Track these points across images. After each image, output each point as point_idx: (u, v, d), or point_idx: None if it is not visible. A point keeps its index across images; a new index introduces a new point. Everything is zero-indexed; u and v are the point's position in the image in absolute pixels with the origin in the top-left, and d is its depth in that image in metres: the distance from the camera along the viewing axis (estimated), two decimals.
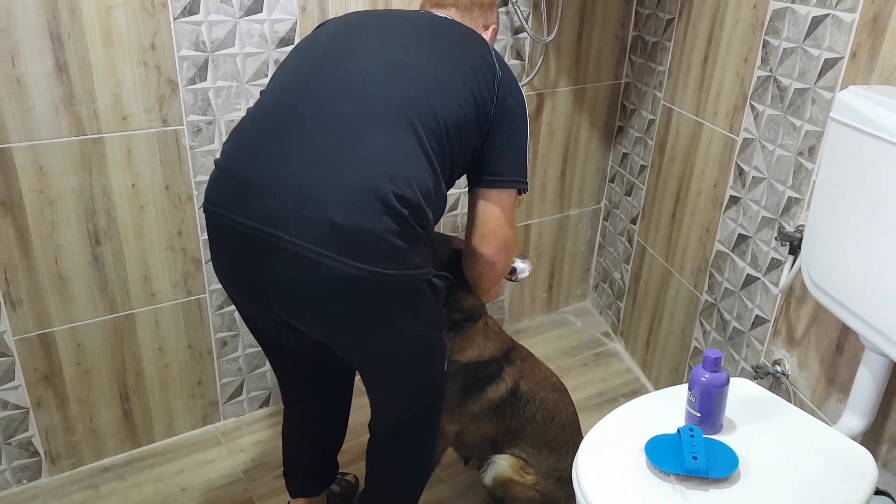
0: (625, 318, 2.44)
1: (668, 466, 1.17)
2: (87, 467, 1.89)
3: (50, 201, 1.60)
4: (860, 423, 1.39)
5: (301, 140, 1.18)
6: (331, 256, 1.12)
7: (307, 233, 1.12)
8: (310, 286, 1.16)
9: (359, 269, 1.12)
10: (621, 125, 2.37)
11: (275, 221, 1.14)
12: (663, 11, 2.06)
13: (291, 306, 1.22)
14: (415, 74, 1.25)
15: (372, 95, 1.21)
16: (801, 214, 1.59)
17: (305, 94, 1.23)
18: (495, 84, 1.31)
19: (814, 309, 1.58)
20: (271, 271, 1.17)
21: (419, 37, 1.34)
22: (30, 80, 1.49)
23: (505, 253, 1.42)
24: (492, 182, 1.36)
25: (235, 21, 1.66)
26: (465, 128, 1.27)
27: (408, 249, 1.17)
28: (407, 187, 1.15)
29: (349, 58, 1.27)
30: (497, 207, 1.37)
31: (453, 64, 1.29)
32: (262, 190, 1.16)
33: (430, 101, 1.23)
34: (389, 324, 1.24)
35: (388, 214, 1.13)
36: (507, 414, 1.60)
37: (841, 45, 1.44)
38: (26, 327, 1.68)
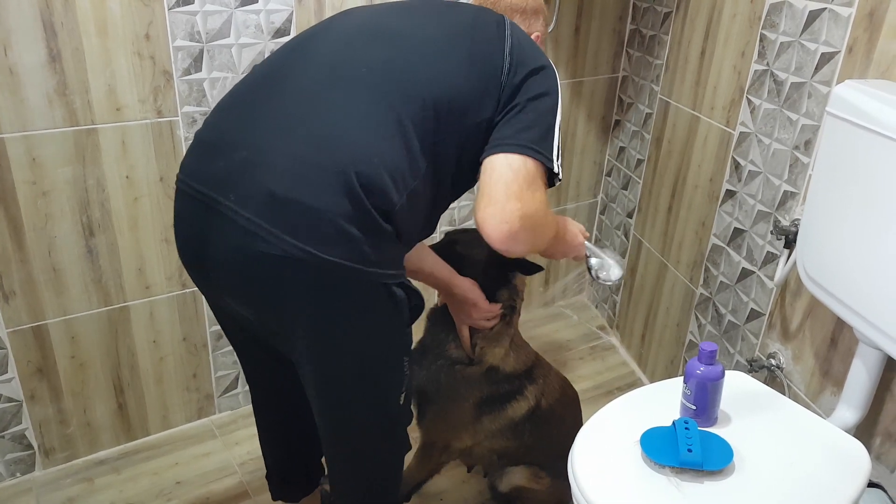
0: (621, 312, 2.44)
1: (664, 459, 1.17)
2: (81, 460, 1.88)
3: (43, 192, 1.59)
4: (854, 416, 1.39)
5: (266, 106, 1.09)
6: (263, 227, 1.01)
7: (245, 199, 1.02)
8: (240, 258, 1.05)
9: (292, 245, 1.00)
10: (618, 119, 2.37)
11: (219, 185, 1.06)
12: (661, 5, 2.06)
13: (224, 279, 1.12)
14: (394, 42, 1.13)
15: (341, 62, 1.10)
16: (797, 208, 1.59)
17: (283, 64, 1.16)
18: (504, 54, 1.14)
19: (809, 303, 1.58)
20: (209, 239, 1.08)
21: (413, 9, 1.22)
22: (23, 70, 1.48)
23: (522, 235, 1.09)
24: (495, 147, 1.10)
25: (231, 11, 1.65)
26: (465, 101, 1.11)
27: (360, 239, 1.02)
28: (370, 166, 1.02)
29: (333, 30, 1.18)
30: (508, 172, 1.08)
31: (447, 33, 1.16)
32: (218, 153, 1.09)
33: (413, 70, 1.10)
34: (324, 325, 1.09)
35: (339, 192, 1.00)
36: (525, 432, 1.53)
37: (838, 39, 1.44)
38: (20, 319, 1.67)
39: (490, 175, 1.10)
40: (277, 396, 1.47)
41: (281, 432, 1.53)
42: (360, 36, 1.15)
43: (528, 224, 1.09)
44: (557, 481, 1.60)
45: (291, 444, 1.54)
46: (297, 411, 1.43)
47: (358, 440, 1.28)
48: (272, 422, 1.53)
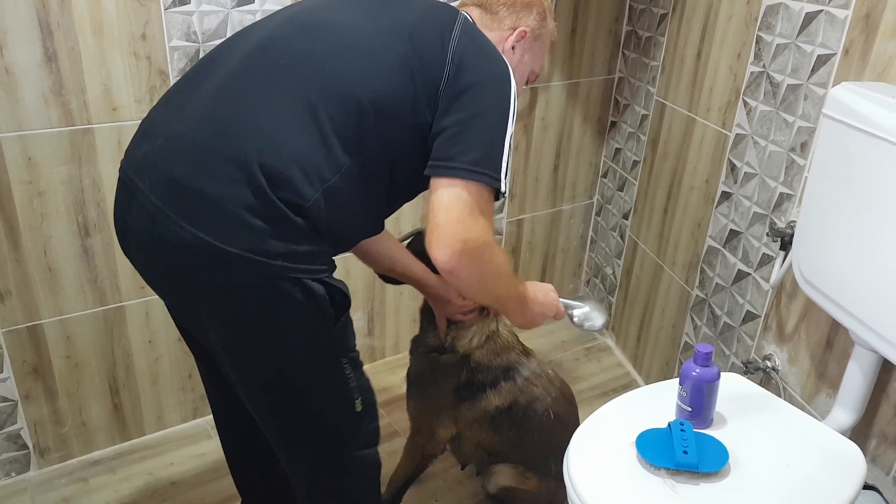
0: (616, 313, 2.45)
1: (659, 460, 1.17)
2: (76, 460, 1.88)
3: (39, 192, 1.59)
4: (849, 418, 1.40)
5: (190, 95, 1.09)
6: (167, 214, 1.00)
7: (155, 184, 1.03)
8: (148, 242, 1.05)
9: (190, 234, 0.98)
10: (614, 120, 2.37)
11: (139, 170, 1.06)
12: (657, 6, 2.06)
13: (140, 262, 1.12)
14: (323, 34, 1.09)
15: (264, 54, 1.08)
16: (793, 210, 1.59)
17: (216, 55, 1.14)
18: (448, 54, 1.07)
19: (804, 305, 1.59)
20: (129, 223, 1.09)
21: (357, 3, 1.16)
22: (18, 69, 1.48)
23: (466, 259, 1.06)
24: (438, 168, 1.06)
25: (227, 11, 1.65)
26: (395, 103, 1.06)
27: (265, 231, 0.98)
28: (276, 157, 0.99)
29: (270, 20, 1.15)
30: (448, 198, 1.04)
31: (384, 28, 1.10)
32: (146, 139, 1.10)
33: (337, 65, 1.05)
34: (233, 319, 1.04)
35: (242, 183, 0.98)
36: (503, 427, 1.56)
37: (834, 41, 1.45)
38: (15, 319, 1.66)
39: (433, 200, 1.07)
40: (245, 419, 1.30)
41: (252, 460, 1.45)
42: (288, 27, 1.12)
43: (470, 248, 1.06)
44: (545, 481, 1.61)
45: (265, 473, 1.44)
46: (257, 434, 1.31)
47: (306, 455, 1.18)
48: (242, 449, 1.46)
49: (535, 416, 1.57)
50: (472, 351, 1.53)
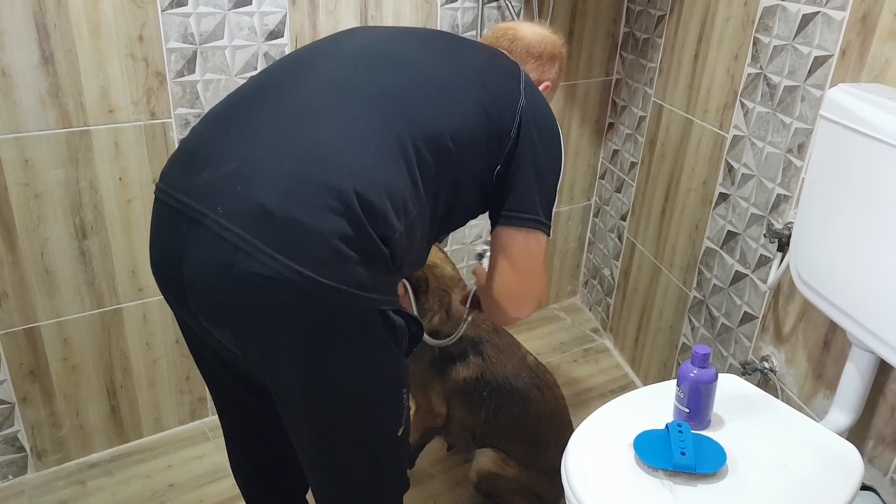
0: (614, 315, 2.45)
1: (657, 462, 1.17)
2: (73, 463, 1.88)
3: (36, 194, 1.59)
4: (847, 419, 1.40)
5: (261, 119, 1.03)
6: (254, 244, 0.93)
7: (234, 213, 0.95)
8: (224, 276, 0.96)
9: (285, 266, 0.93)
10: (612, 122, 2.37)
11: (204, 197, 0.98)
12: (655, 8, 2.06)
13: (203, 298, 1.02)
14: (407, 70, 1.09)
15: (348, 81, 1.05)
16: (790, 212, 1.59)
17: (282, 76, 1.10)
18: (517, 109, 1.14)
19: (802, 306, 1.59)
20: (188, 252, 1.00)
21: (427, 40, 1.19)
22: (15, 71, 1.47)
23: (531, 307, 1.25)
24: (514, 219, 1.16)
25: (224, 13, 1.64)
26: (468, 142, 1.09)
27: (357, 262, 0.96)
28: (372, 188, 0.96)
29: (338, 48, 1.14)
30: (521, 253, 1.18)
31: (458, 70, 1.13)
32: (205, 164, 1.01)
33: (419, 100, 1.06)
34: (313, 349, 1.01)
35: (338, 213, 0.94)
36: (475, 403, 1.61)
37: (831, 42, 1.45)
38: (12, 322, 1.66)
39: (513, 247, 1.18)
40: (253, 429, 1.36)
41: (258, 469, 1.44)
42: (370, 58, 1.11)
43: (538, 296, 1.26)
44: (527, 472, 1.64)
45: (270, 480, 1.43)
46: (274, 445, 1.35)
47: (349, 476, 1.19)
48: (249, 458, 1.43)
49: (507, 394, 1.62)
50: (437, 327, 1.56)
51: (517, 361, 1.66)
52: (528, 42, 1.33)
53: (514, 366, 1.65)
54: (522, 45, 1.32)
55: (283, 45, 1.74)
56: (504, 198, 1.16)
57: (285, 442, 1.30)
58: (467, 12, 1.96)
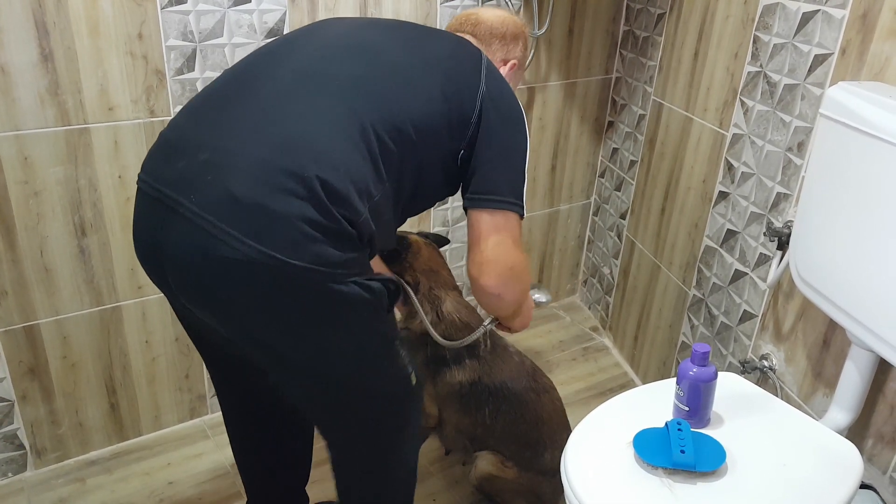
0: (613, 313, 2.45)
1: (656, 460, 1.17)
2: (73, 461, 1.88)
3: (35, 192, 1.59)
4: (846, 417, 1.40)
5: (234, 109, 1.09)
6: (226, 230, 0.98)
7: (206, 201, 1.00)
8: (201, 262, 1.02)
9: (255, 250, 0.98)
10: (611, 120, 2.37)
11: (180, 186, 1.03)
12: (654, 6, 2.06)
13: (184, 284, 1.08)
14: (371, 60, 1.15)
15: (316, 72, 1.11)
16: (790, 210, 1.59)
17: (254, 67, 1.16)
18: (477, 94, 1.18)
19: (801, 304, 1.59)
20: (168, 242, 1.05)
21: (393, 31, 1.24)
22: (14, 69, 1.47)
23: (512, 282, 1.26)
24: (481, 201, 1.20)
25: (224, 11, 1.64)
26: (430, 128, 1.14)
27: (324, 242, 1.02)
28: (335, 174, 1.02)
29: (310, 39, 1.19)
30: (492, 231, 1.20)
31: (423, 59, 1.18)
32: (180, 154, 1.07)
33: (382, 88, 1.12)
34: (298, 326, 1.08)
35: (303, 198, 1.00)
36: (471, 406, 1.60)
37: (831, 41, 1.45)
38: (11, 320, 1.66)
39: (480, 230, 1.21)
40: (250, 412, 1.42)
41: (259, 454, 1.48)
42: (337, 49, 1.16)
43: (516, 273, 1.25)
44: (526, 473, 1.64)
45: (271, 467, 1.48)
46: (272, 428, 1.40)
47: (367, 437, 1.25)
48: (248, 442, 1.47)
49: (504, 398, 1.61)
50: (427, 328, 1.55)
51: (514, 365, 1.65)
52: (490, 24, 1.37)
53: (511, 369, 1.64)
54: (486, 27, 1.37)
55: None
56: (470, 181, 1.21)
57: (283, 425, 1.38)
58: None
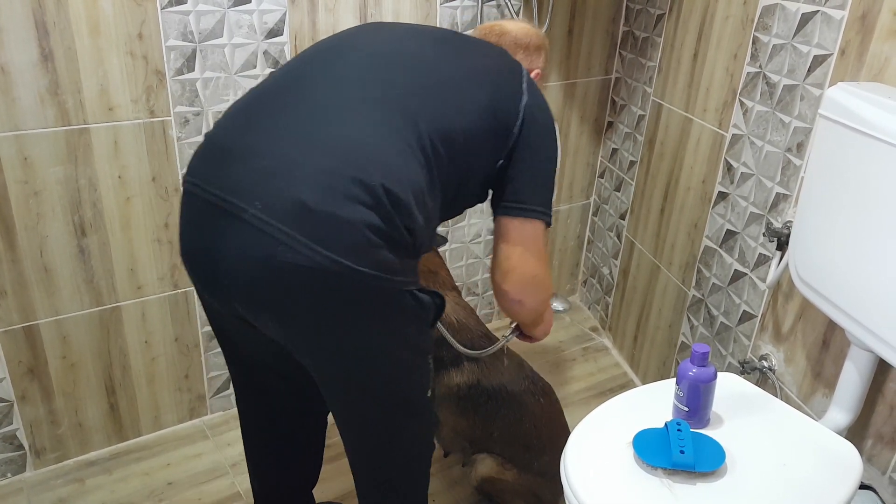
0: (613, 313, 2.45)
1: (656, 460, 1.17)
2: (72, 461, 1.88)
3: (35, 192, 1.59)
4: (846, 418, 1.40)
5: (289, 115, 1.09)
6: (295, 237, 1.00)
7: (274, 208, 1.01)
8: (266, 268, 1.03)
9: (324, 256, 1.00)
10: (611, 120, 2.37)
11: (241, 192, 1.03)
12: (654, 7, 2.06)
13: (242, 289, 1.08)
14: (424, 69, 1.17)
15: (373, 80, 1.13)
16: (789, 210, 1.60)
17: (305, 73, 1.17)
18: (520, 106, 1.21)
19: (800, 305, 1.59)
20: (228, 246, 1.05)
21: (440, 39, 1.26)
22: (14, 69, 1.47)
23: (534, 291, 1.29)
24: (513, 209, 1.23)
25: (224, 11, 1.64)
26: (478, 139, 1.17)
27: (385, 249, 1.04)
28: (397, 182, 1.04)
29: (359, 45, 1.21)
30: (520, 239, 1.24)
31: (471, 71, 1.21)
32: (236, 159, 1.07)
33: (436, 98, 1.14)
34: (353, 331, 1.10)
35: (369, 206, 1.02)
36: (469, 409, 1.60)
37: (830, 41, 1.45)
38: (10, 319, 1.66)
39: (509, 237, 1.24)
40: (269, 418, 1.44)
41: (271, 458, 1.50)
42: (390, 57, 1.18)
43: (538, 281, 1.28)
44: (525, 475, 1.64)
45: (284, 470, 1.51)
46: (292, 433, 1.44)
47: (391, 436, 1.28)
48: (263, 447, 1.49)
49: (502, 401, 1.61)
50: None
51: (514, 368, 1.65)
52: (515, 35, 1.40)
53: (511, 373, 1.64)
54: (510, 38, 1.39)
55: (282, 44, 1.74)
56: (504, 189, 1.23)
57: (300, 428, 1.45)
58: (466, 11, 1.96)
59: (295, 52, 1.76)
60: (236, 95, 1.72)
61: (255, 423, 1.47)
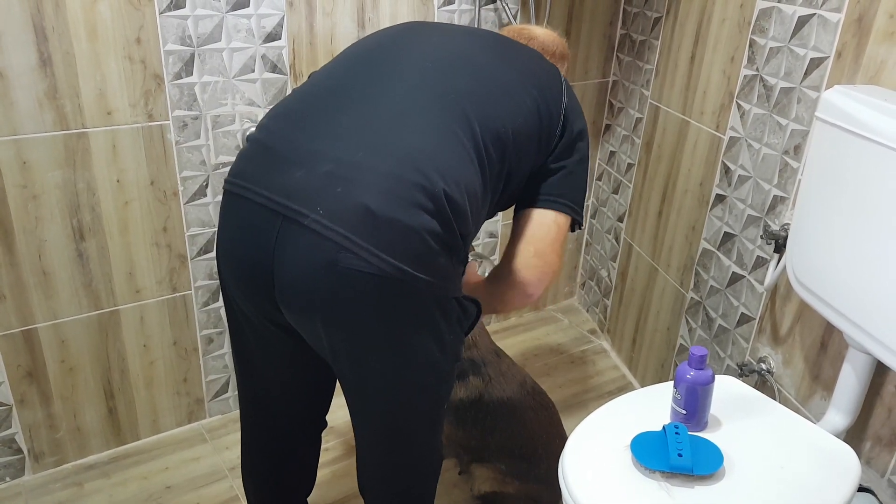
0: (611, 316, 2.45)
1: (654, 463, 1.17)
2: (70, 465, 1.87)
3: (34, 196, 1.59)
4: (844, 420, 1.40)
5: (345, 118, 1.08)
6: (358, 244, 0.99)
7: (337, 213, 1.00)
8: (325, 273, 1.01)
9: (386, 262, 0.99)
10: (609, 123, 2.37)
11: (302, 197, 1.02)
12: (651, 10, 2.07)
13: (296, 292, 1.06)
14: (477, 72, 1.17)
15: (428, 83, 1.12)
16: (787, 213, 1.60)
17: (357, 75, 1.15)
18: (561, 108, 1.23)
19: (798, 307, 1.59)
20: (287, 252, 1.03)
21: (486, 42, 1.27)
22: (13, 73, 1.47)
23: (547, 282, 1.29)
24: (552, 202, 1.24)
25: (222, 15, 1.65)
26: (525, 141, 1.17)
27: (443, 256, 1.05)
28: (456, 187, 1.04)
29: (409, 46, 1.20)
30: (555, 229, 1.24)
31: (519, 74, 1.22)
32: (294, 163, 1.05)
33: (490, 102, 1.14)
34: (403, 337, 1.10)
35: (430, 213, 1.02)
36: (468, 421, 1.60)
37: (826, 44, 1.45)
38: (9, 323, 1.66)
39: (542, 226, 1.25)
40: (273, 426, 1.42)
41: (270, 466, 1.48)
42: (443, 61, 1.17)
43: (555, 276, 1.30)
44: (525, 484, 1.64)
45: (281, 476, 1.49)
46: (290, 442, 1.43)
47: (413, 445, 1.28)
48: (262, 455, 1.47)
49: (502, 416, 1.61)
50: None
51: (517, 386, 1.64)
52: (542, 41, 1.40)
53: (514, 389, 1.63)
54: (538, 43, 1.40)
55: (280, 47, 1.74)
56: (542, 184, 1.25)
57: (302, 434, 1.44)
58: (464, 14, 1.97)
59: (293, 55, 1.76)
60: (234, 99, 1.72)
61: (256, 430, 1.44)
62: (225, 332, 1.96)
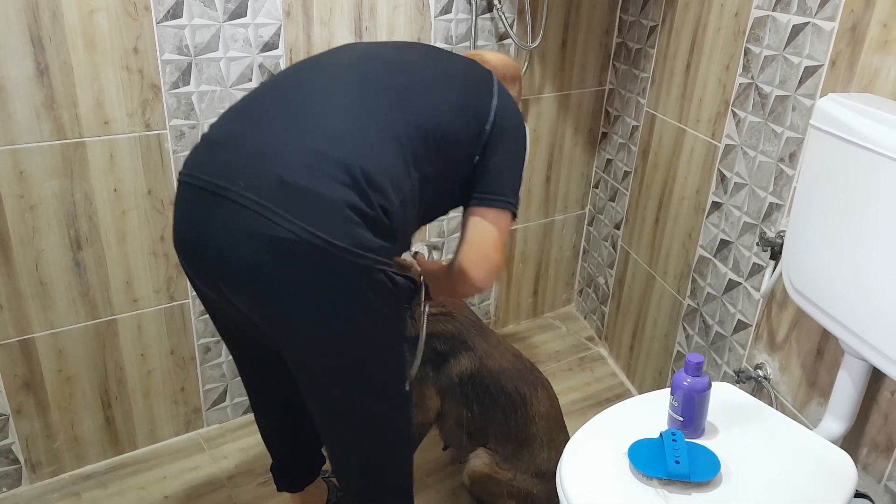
0: (609, 323, 2.45)
1: (651, 471, 1.17)
2: (68, 475, 1.87)
3: (31, 206, 1.59)
4: (840, 426, 1.40)
5: (276, 110, 1.18)
6: (276, 212, 1.06)
7: (256, 186, 1.08)
8: (246, 240, 1.08)
9: (301, 228, 1.06)
10: (605, 131, 2.38)
11: (226, 174, 1.12)
12: (647, 19, 2.08)
13: (225, 264, 1.13)
14: (405, 70, 1.28)
15: (354, 79, 1.23)
16: (782, 220, 1.60)
17: (291, 80, 1.26)
18: (491, 107, 1.31)
19: (795, 314, 1.59)
20: (213, 223, 1.11)
21: (418, 48, 1.39)
22: (10, 84, 1.48)
23: (494, 277, 1.38)
24: (487, 200, 1.32)
25: (219, 25, 1.65)
26: (452, 137, 1.25)
27: (362, 227, 1.10)
28: (375, 166, 1.12)
29: (341, 53, 1.32)
30: (493, 229, 1.32)
31: (448, 74, 1.31)
32: (224, 147, 1.16)
33: (417, 97, 1.23)
34: (328, 305, 1.14)
35: (347, 185, 1.09)
36: (469, 397, 1.65)
37: (821, 53, 1.46)
38: (6, 333, 1.66)
39: (483, 224, 1.32)
40: (274, 389, 1.52)
41: (281, 426, 1.59)
42: (372, 62, 1.29)
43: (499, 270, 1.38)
44: (521, 475, 1.65)
45: (291, 435, 1.60)
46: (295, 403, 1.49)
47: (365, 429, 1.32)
48: (272, 417, 1.59)
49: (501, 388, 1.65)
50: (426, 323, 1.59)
51: (511, 357, 1.70)
52: (494, 65, 1.48)
53: (509, 361, 1.69)
54: (489, 66, 1.47)
55: (277, 57, 1.74)
56: (477, 182, 1.32)
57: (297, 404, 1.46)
58: (461, 24, 1.97)
59: (290, 64, 1.77)
60: None
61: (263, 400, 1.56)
62: (222, 341, 1.96)
